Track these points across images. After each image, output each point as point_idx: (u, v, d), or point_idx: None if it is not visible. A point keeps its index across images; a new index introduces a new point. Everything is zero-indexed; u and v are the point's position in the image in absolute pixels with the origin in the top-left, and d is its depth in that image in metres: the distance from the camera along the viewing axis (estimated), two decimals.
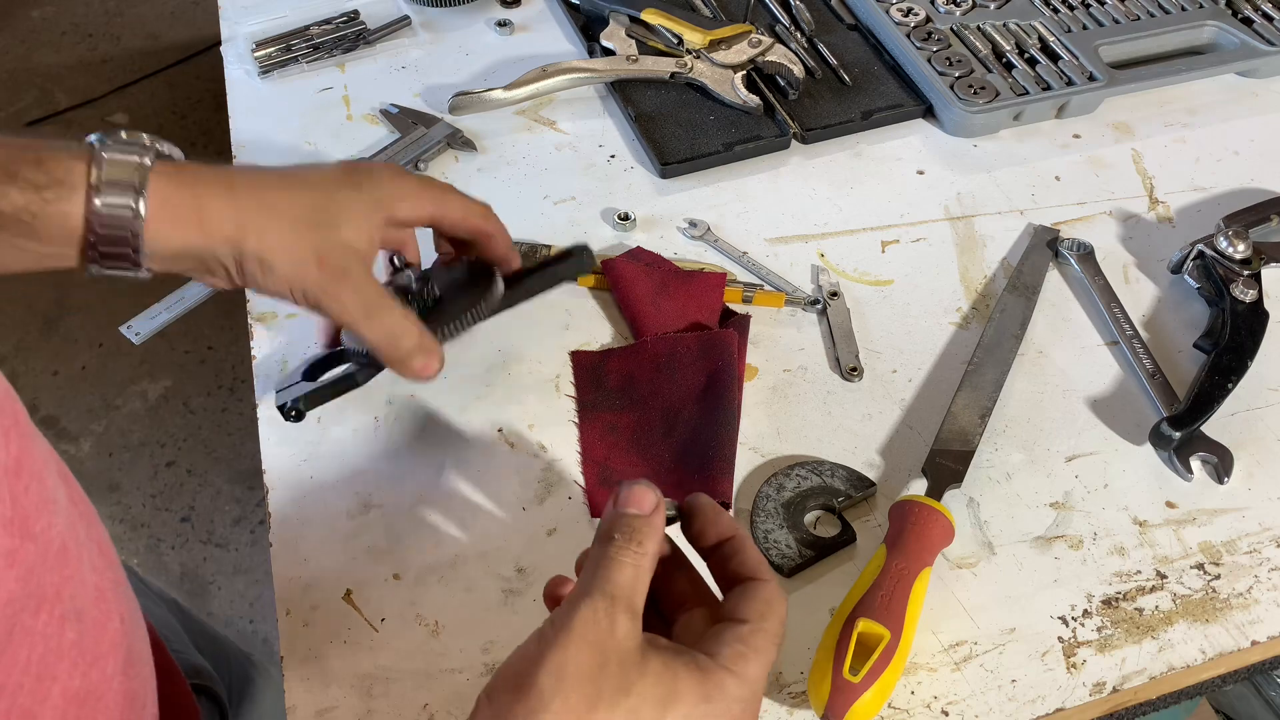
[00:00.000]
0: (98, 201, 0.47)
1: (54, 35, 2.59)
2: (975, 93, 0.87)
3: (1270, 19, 0.95)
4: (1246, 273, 0.74)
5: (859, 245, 0.79)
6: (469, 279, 0.63)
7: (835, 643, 0.54)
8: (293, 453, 0.65)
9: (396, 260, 0.62)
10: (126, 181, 0.48)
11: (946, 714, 0.56)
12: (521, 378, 0.70)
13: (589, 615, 0.40)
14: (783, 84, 0.88)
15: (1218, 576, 0.61)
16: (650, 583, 0.45)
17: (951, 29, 0.93)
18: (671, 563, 0.48)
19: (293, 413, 0.60)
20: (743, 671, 0.42)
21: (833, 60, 0.92)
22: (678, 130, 0.85)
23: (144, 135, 0.50)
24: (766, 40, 0.89)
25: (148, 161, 0.49)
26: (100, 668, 0.43)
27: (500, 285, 0.62)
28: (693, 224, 0.79)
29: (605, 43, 0.90)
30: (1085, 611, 0.60)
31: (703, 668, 0.41)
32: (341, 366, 0.62)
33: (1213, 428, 0.67)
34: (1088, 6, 0.96)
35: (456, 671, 0.56)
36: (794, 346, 0.72)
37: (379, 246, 0.57)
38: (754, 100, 0.86)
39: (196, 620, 0.85)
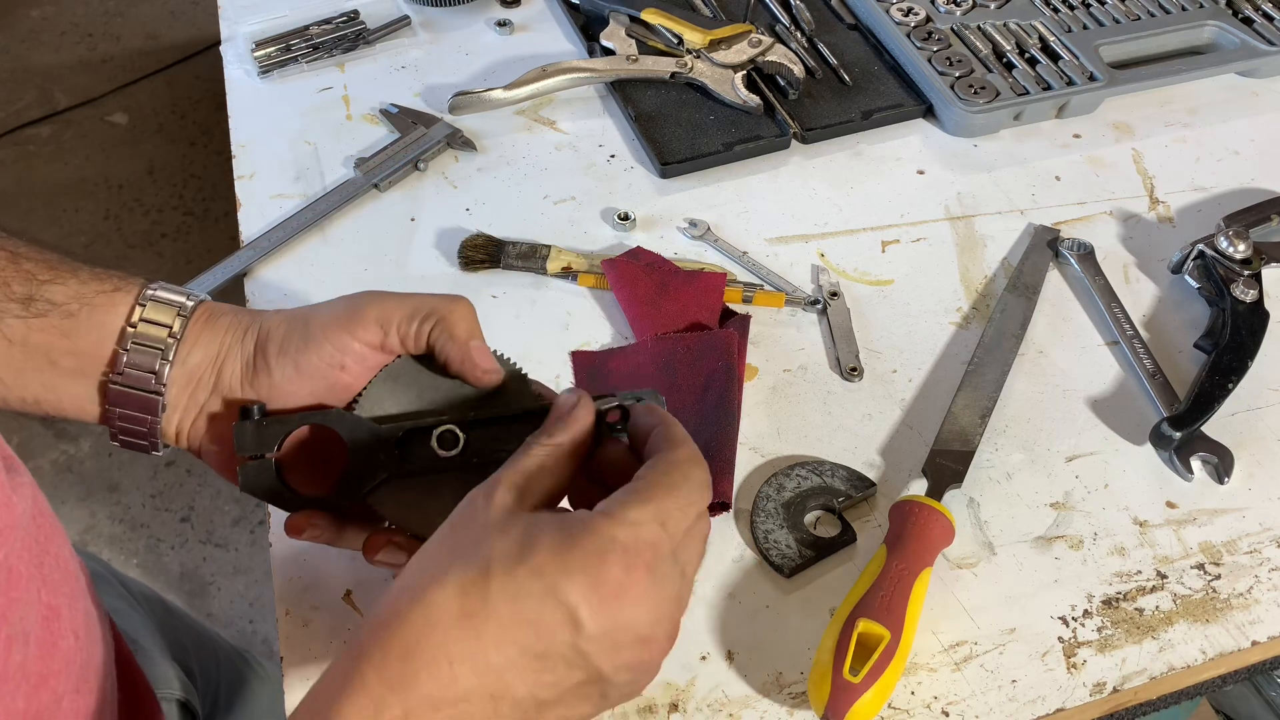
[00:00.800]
0: (138, 314, 0.49)
1: (54, 35, 2.59)
2: (975, 92, 0.87)
3: (1270, 19, 0.95)
4: (1247, 273, 0.74)
5: (859, 245, 0.79)
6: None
7: (835, 643, 0.54)
8: None
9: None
10: (174, 300, 0.51)
11: (947, 714, 0.56)
12: None
13: (467, 501, 0.43)
14: (783, 84, 0.88)
15: (1218, 576, 0.61)
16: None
17: (952, 29, 0.93)
18: None
19: (252, 413, 0.50)
20: (620, 513, 0.40)
21: (833, 60, 0.92)
22: (678, 130, 0.85)
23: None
24: (766, 40, 0.89)
25: (189, 302, 0.51)
26: (49, 688, 0.42)
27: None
28: (693, 224, 0.79)
29: (605, 42, 0.90)
30: (1085, 612, 0.60)
31: (570, 518, 0.41)
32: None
33: (1213, 428, 0.67)
34: (1088, 6, 0.96)
35: None
36: (794, 346, 0.72)
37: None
38: (754, 100, 0.86)
39: (183, 620, 0.84)
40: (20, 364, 0.48)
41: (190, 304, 0.51)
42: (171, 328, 0.49)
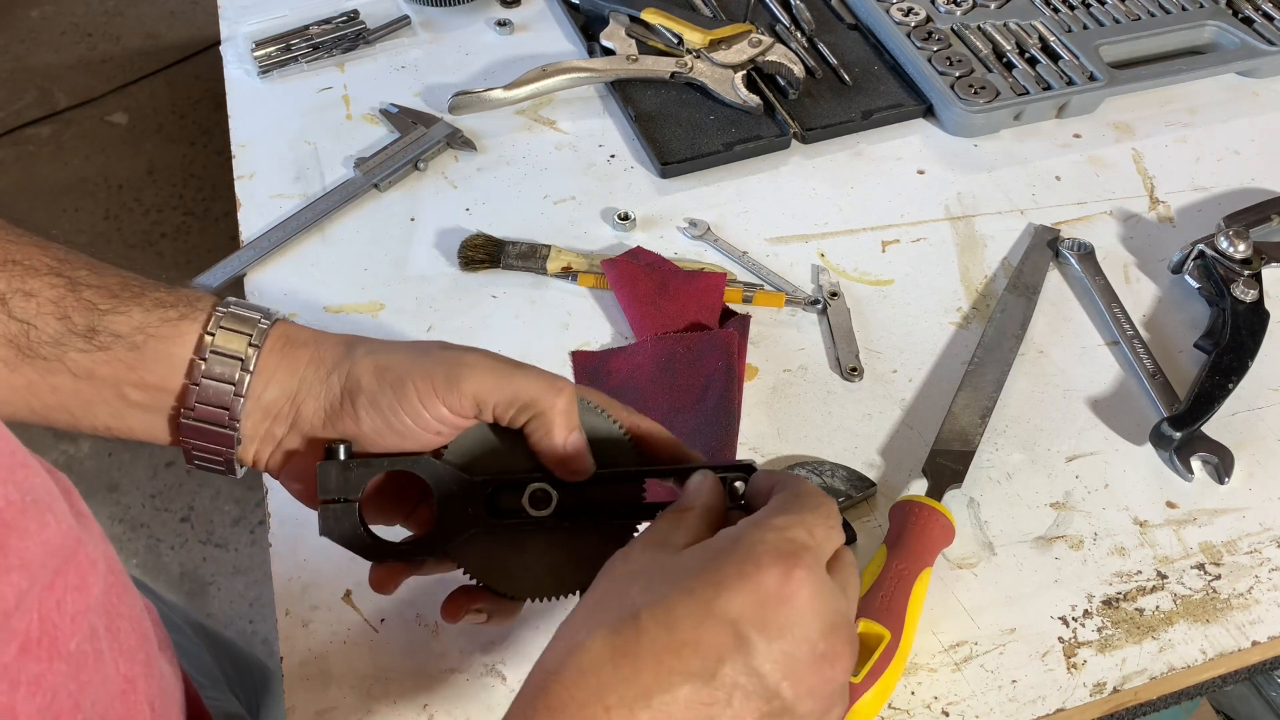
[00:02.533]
0: (207, 344, 0.46)
1: (53, 35, 2.58)
2: (975, 92, 0.87)
3: (1270, 19, 0.95)
4: (1247, 272, 0.74)
5: (859, 245, 0.79)
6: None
7: None
8: None
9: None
10: (249, 317, 0.47)
11: (947, 714, 0.56)
12: None
13: (607, 563, 0.42)
14: (783, 84, 0.88)
15: (1218, 577, 0.61)
16: None
17: (952, 29, 0.93)
18: None
19: (337, 453, 0.48)
20: (764, 520, 0.39)
21: (833, 60, 0.92)
22: (678, 130, 0.85)
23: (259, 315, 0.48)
24: (766, 40, 0.89)
25: (261, 324, 0.47)
26: None
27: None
28: (693, 224, 0.79)
29: (605, 42, 0.90)
30: (1086, 612, 0.60)
31: (711, 539, 0.40)
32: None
33: (1213, 428, 0.67)
34: (1088, 6, 0.96)
35: (456, 671, 0.56)
36: (794, 346, 0.72)
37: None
38: (754, 100, 0.86)
39: (228, 646, 0.83)
40: (88, 397, 0.46)
41: (264, 325, 0.47)
42: (243, 360, 0.46)
